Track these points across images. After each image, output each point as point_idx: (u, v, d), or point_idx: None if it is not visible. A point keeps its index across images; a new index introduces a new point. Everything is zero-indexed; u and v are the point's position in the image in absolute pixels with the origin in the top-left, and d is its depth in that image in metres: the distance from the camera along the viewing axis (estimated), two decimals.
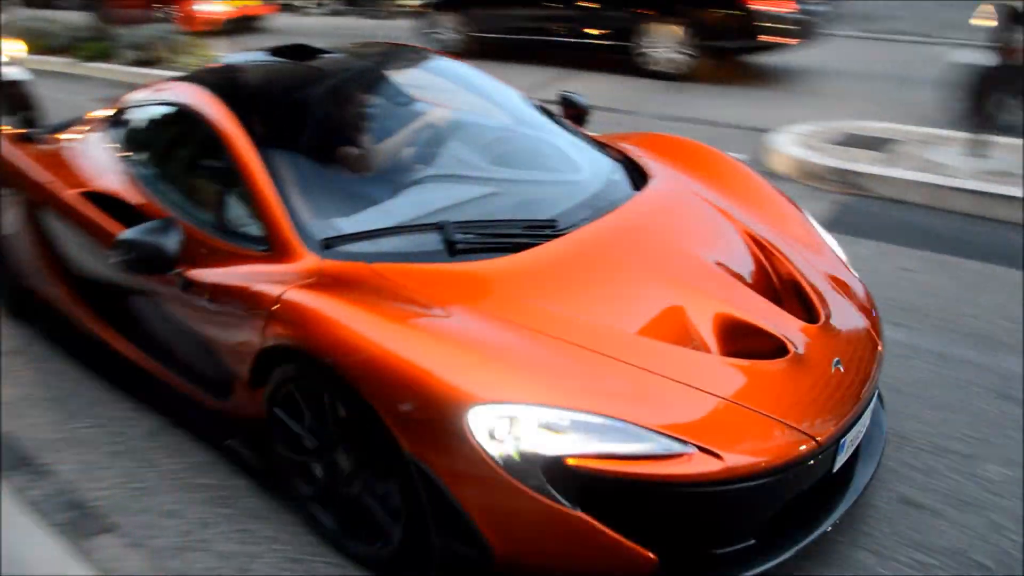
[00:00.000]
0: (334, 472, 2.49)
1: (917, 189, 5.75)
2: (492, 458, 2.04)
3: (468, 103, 3.71)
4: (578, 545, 2.06)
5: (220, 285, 2.75)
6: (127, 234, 2.66)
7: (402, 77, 3.70)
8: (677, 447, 2.05)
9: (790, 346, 2.41)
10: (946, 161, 6.14)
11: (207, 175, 3.15)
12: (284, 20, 17.77)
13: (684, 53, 9.57)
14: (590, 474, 2.01)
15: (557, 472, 2.01)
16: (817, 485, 2.31)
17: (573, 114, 3.97)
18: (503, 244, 2.63)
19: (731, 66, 10.20)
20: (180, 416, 3.22)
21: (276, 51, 3.61)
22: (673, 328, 2.43)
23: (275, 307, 2.47)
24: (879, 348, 2.68)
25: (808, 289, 2.76)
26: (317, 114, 3.26)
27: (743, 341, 2.43)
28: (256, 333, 2.53)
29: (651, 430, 2.06)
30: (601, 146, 3.51)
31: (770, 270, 2.83)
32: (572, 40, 10.26)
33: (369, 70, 3.63)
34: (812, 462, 2.20)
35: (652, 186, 3.13)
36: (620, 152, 3.48)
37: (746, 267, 2.82)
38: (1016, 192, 5.45)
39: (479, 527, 2.11)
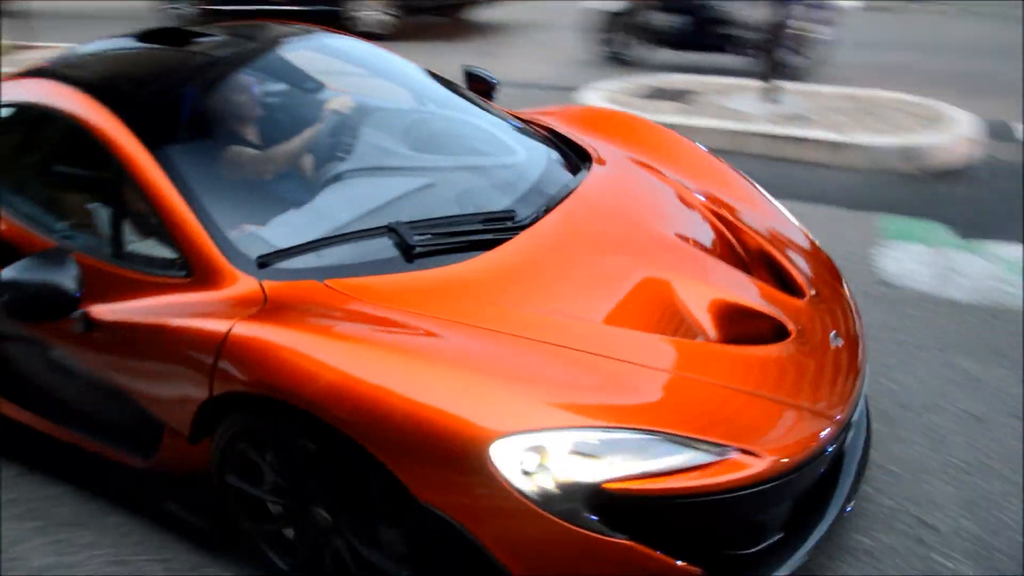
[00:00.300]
0: (312, 532, 2.16)
1: (719, 136, 6.07)
2: (524, 495, 1.77)
3: (373, 85, 3.39)
4: (624, 574, 1.86)
5: (136, 324, 2.31)
6: (8, 273, 2.20)
7: (299, 60, 3.30)
8: (716, 452, 1.87)
9: (789, 326, 2.30)
10: (742, 108, 6.53)
11: (90, 190, 2.66)
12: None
13: (389, 14, 11.03)
14: (632, 497, 1.80)
15: (596, 500, 1.79)
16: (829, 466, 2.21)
17: (480, 89, 3.67)
18: (463, 243, 2.35)
19: (433, 24, 12.02)
20: (88, 480, 2.75)
21: (144, 36, 3.13)
22: (673, 320, 2.27)
23: (223, 347, 2.06)
24: (858, 314, 2.61)
25: (784, 262, 2.65)
26: (213, 107, 2.82)
27: (740, 325, 2.29)
28: (197, 380, 2.12)
29: (686, 437, 1.87)
30: (526, 124, 3.27)
31: (736, 244, 2.72)
32: (285, 8, 10.84)
33: (261, 53, 3.16)
34: (834, 445, 2.11)
35: (600, 166, 2.93)
36: (546, 129, 3.28)
37: (719, 244, 2.69)
38: (805, 133, 5.86)
39: (511, 571, 1.84)
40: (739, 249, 2.70)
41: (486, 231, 2.41)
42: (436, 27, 11.93)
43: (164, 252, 2.35)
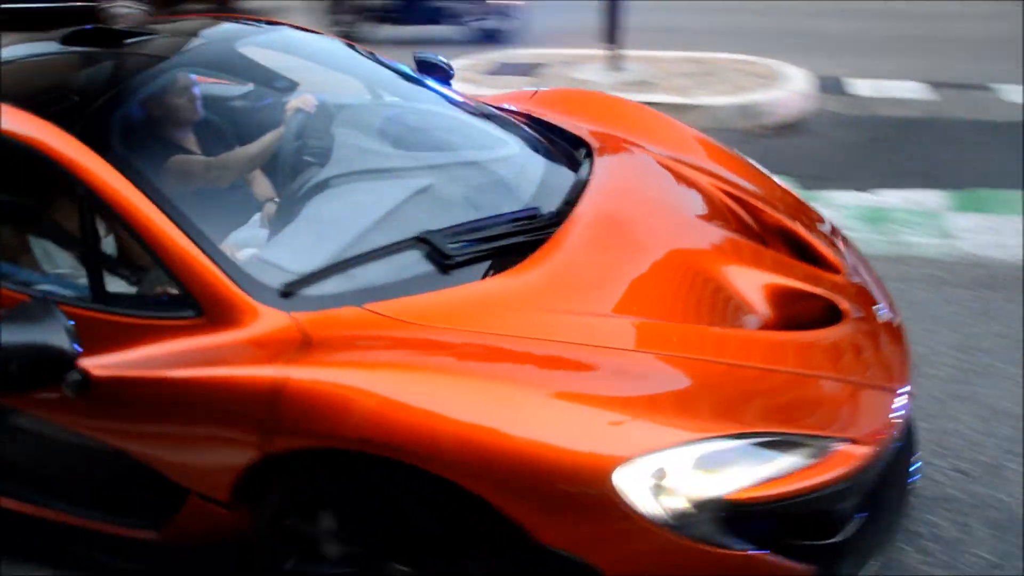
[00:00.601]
0: None
1: None
2: (653, 520, 1.65)
3: (336, 80, 3.07)
4: None
5: (143, 378, 1.93)
6: None
7: (257, 56, 2.94)
8: (824, 447, 1.79)
9: (843, 305, 2.21)
10: (590, 77, 6.57)
11: (52, 226, 2.25)
12: None
13: (140, 8, 10.34)
14: (752, 505, 1.70)
15: (724, 514, 1.68)
16: None
17: (436, 78, 3.44)
18: (499, 249, 2.13)
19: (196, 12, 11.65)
20: (83, 561, 2.32)
21: (67, 38, 2.65)
22: (736, 310, 2.17)
23: (280, 399, 1.77)
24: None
25: (809, 238, 2.56)
26: (181, 116, 2.53)
27: (792, 307, 2.20)
28: (242, 440, 1.83)
29: (795, 435, 1.78)
30: (505, 112, 3.01)
31: (751, 221, 2.61)
32: (37, 7, 10.16)
33: (217, 51, 2.79)
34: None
35: (607, 154, 2.71)
36: (525, 116, 3.04)
37: (738, 223, 2.57)
38: (650, 98, 5.95)
39: None
40: (754, 226, 2.60)
41: (517, 233, 2.18)
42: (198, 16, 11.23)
43: (160, 289, 2.03)
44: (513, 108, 3.13)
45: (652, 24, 8.48)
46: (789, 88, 6.22)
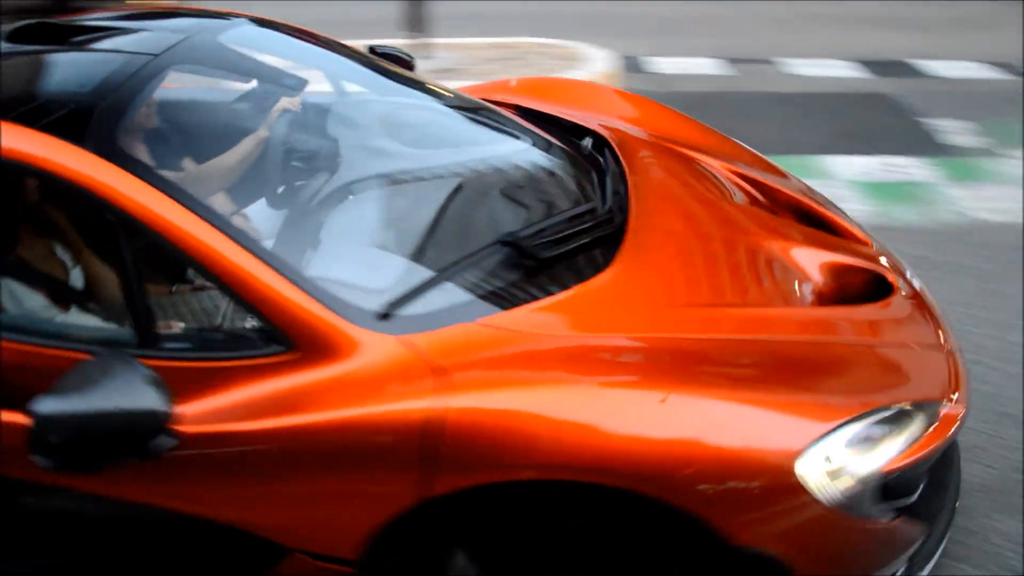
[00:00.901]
0: None
1: None
2: (830, 506, 1.68)
3: (321, 75, 2.81)
4: (891, 549, 1.86)
5: (241, 432, 1.65)
6: (49, 408, 1.47)
7: (249, 51, 2.65)
8: (934, 409, 1.88)
9: (889, 277, 2.30)
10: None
11: (84, 263, 1.95)
12: None
13: None
14: (898, 475, 1.76)
15: (881, 488, 1.74)
16: None
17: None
18: (580, 247, 2.04)
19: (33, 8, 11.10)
20: None
21: (14, 36, 2.22)
22: (813, 289, 2.22)
23: (441, 434, 1.59)
24: None
25: (828, 214, 2.64)
26: (195, 120, 2.36)
27: (843, 281, 2.28)
28: (389, 486, 1.64)
29: (913, 403, 1.86)
30: (494, 104, 2.86)
31: (767, 201, 2.65)
32: None
33: (207, 46, 2.44)
34: None
35: (626, 146, 2.64)
36: (509, 106, 2.90)
37: (768, 204, 2.64)
38: (460, 84, 5.94)
39: None
40: (771, 205, 2.64)
41: (588, 231, 2.08)
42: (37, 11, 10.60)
43: (235, 325, 1.80)
44: (509, 102, 2.99)
45: (463, 11, 8.48)
46: (592, 68, 6.38)
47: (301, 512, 1.71)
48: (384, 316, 1.73)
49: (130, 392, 1.52)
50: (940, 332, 2.22)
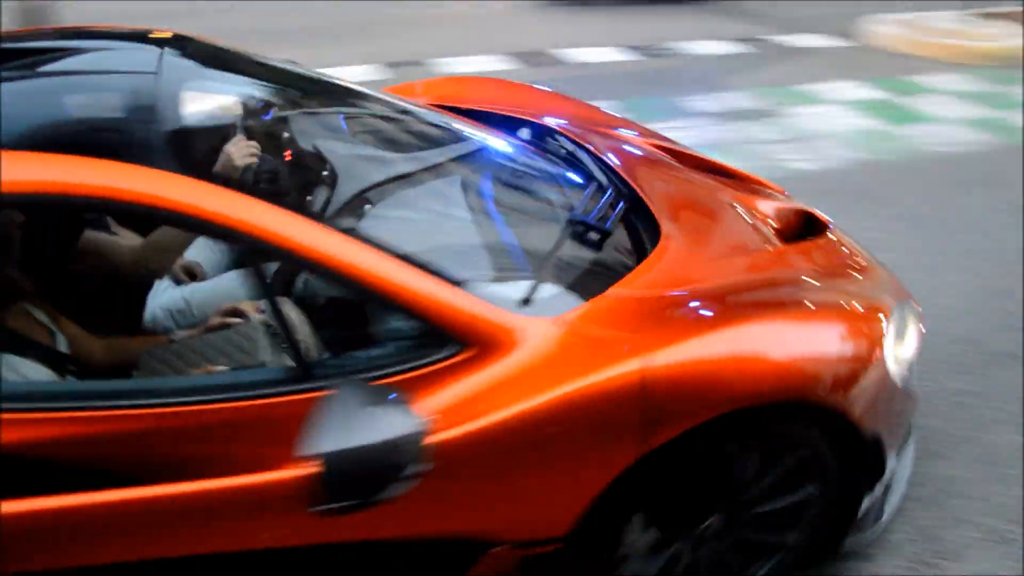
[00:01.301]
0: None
1: None
2: (899, 387, 2.15)
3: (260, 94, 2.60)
4: (910, 417, 2.38)
5: (453, 439, 1.62)
6: (331, 448, 1.41)
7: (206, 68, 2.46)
8: (912, 305, 2.36)
9: (820, 215, 2.63)
10: None
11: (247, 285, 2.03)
12: None
13: None
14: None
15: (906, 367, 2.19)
16: None
17: None
18: (626, 219, 2.31)
19: None
20: None
21: None
22: (780, 233, 2.52)
23: (650, 390, 1.71)
24: None
25: (735, 170, 2.95)
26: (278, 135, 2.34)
27: (782, 222, 2.60)
28: (613, 449, 1.73)
29: (902, 302, 2.30)
30: (414, 104, 2.80)
31: (685, 165, 2.93)
32: None
33: (207, 55, 2.47)
34: None
35: (579, 132, 2.83)
36: (441, 109, 2.89)
37: (702, 168, 2.92)
38: None
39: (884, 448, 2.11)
40: (691, 167, 2.91)
41: (616, 204, 2.27)
42: None
43: (397, 336, 1.81)
44: (442, 104, 2.99)
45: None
46: None
47: (510, 507, 1.78)
48: (525, 303, 1.82)
49: (391, 417, 1.50)
50: (859, 251, 2.62)
